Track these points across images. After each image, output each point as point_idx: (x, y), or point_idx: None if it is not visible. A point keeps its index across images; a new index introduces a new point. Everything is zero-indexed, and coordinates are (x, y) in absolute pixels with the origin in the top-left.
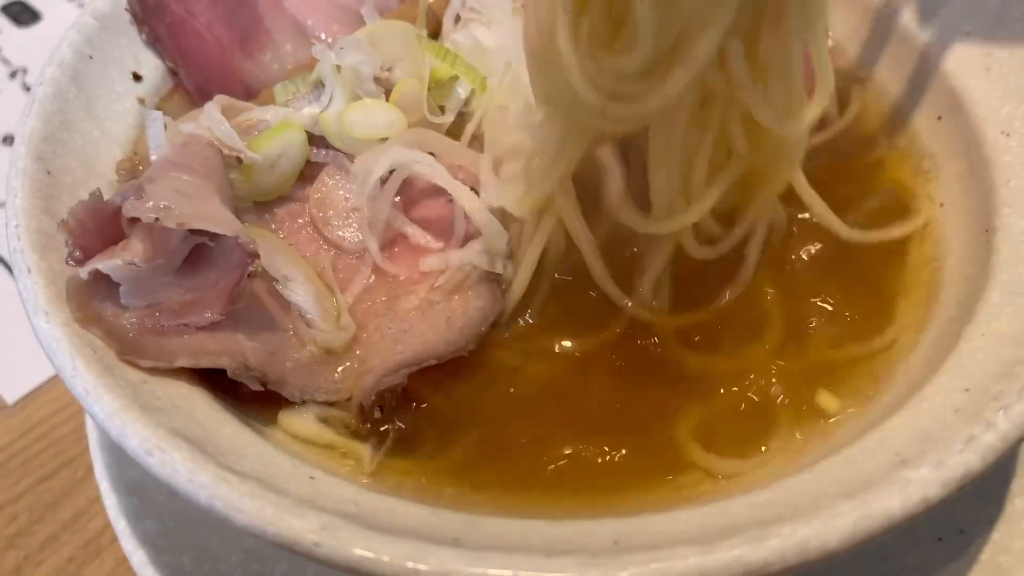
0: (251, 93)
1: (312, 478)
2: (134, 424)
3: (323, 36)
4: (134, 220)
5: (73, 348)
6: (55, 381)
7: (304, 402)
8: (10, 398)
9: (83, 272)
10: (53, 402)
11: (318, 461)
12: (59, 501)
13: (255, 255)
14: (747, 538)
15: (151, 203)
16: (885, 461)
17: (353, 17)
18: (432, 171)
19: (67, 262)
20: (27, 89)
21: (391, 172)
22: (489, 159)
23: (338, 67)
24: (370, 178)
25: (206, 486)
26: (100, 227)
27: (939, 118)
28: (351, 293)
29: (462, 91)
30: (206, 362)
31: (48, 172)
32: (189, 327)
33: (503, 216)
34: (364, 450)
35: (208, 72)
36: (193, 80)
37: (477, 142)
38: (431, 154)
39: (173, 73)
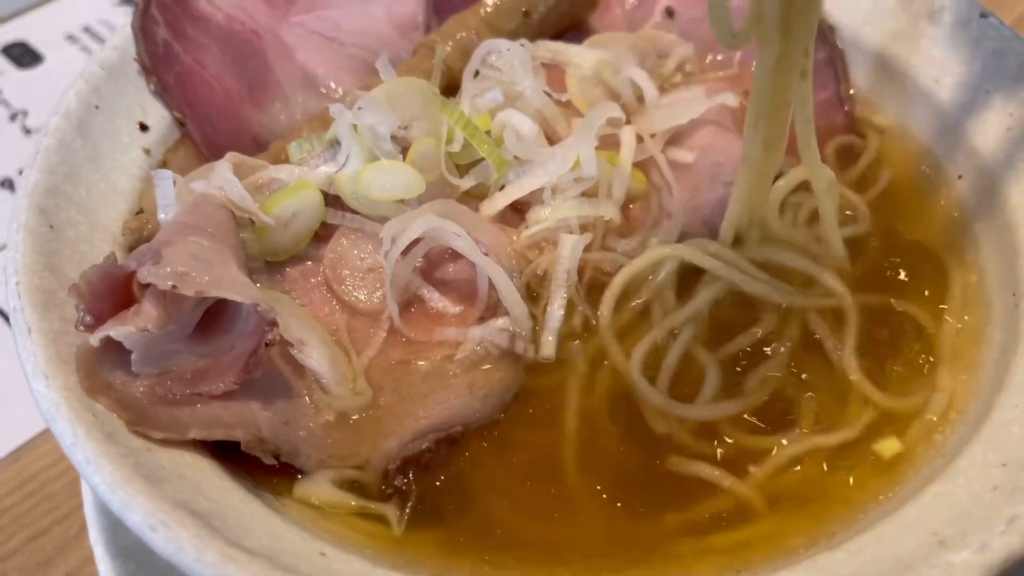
0: (260, 144)
1: (323, 555)
2: (137, 497)
3: (333, 86)
4: (147, 284)
5: (73, 414)
6: (48, 434)
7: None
8: (0, 451)
9: (94, 339)
10: (46, 456)
11: (332, 529)
12: (51, 560)
13: (274, 323)
14: None
15: (168, 269)
16: (923, 541)
17: (363, 68)
18: (465, 245)
19: (77, 327)
20: (27, 132)
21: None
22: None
23: (355, 126)
24: (398, 243)
25: (213, 565)
26: (112, 291)
27: (960, 177)
28: (366, 355)
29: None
30: (219, 434)
31: (51, 226)
32: (202, 396)
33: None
34: (388, 511)
35: (216, 123)
36: (201, 131)
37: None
38: None
39: (180, 123)
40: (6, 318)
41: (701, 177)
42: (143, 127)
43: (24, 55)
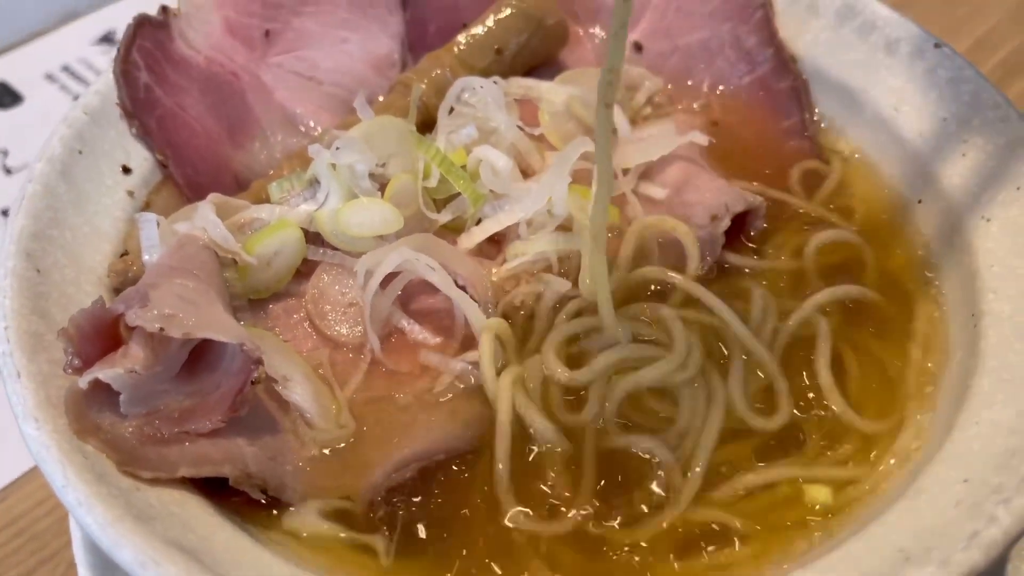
0: (241, 183)
1: None
2: (128, 536)
3: (312, 124)
4: (134, 327)
5: (63, 456)
6: (34, 473)
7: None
8: None
9: (83, 382)
10: (32, 495)
11: (320, 563)
12: None
13: (259, 361)
14: None
15: (155, 312)
16: (889, 557)
17: (341, 105)
18: (440, 279)
19: (65, 370)
20: (8, 171)
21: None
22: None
23: (333, 165)
24: (374, 277)
25: None
26: (99, 334)
27: (919, 202)
28: (349, 388)
29: (466, 199)
30: (208, 471)
31: (38, 270)
32: (190, 434)
33: None
34: (376, 541)
35: (197, 164)
36: (182, 172)
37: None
38: None
39: (163, 165)
40: None
41: (672, 213)
42: (126, 170)
43: (4, 95)
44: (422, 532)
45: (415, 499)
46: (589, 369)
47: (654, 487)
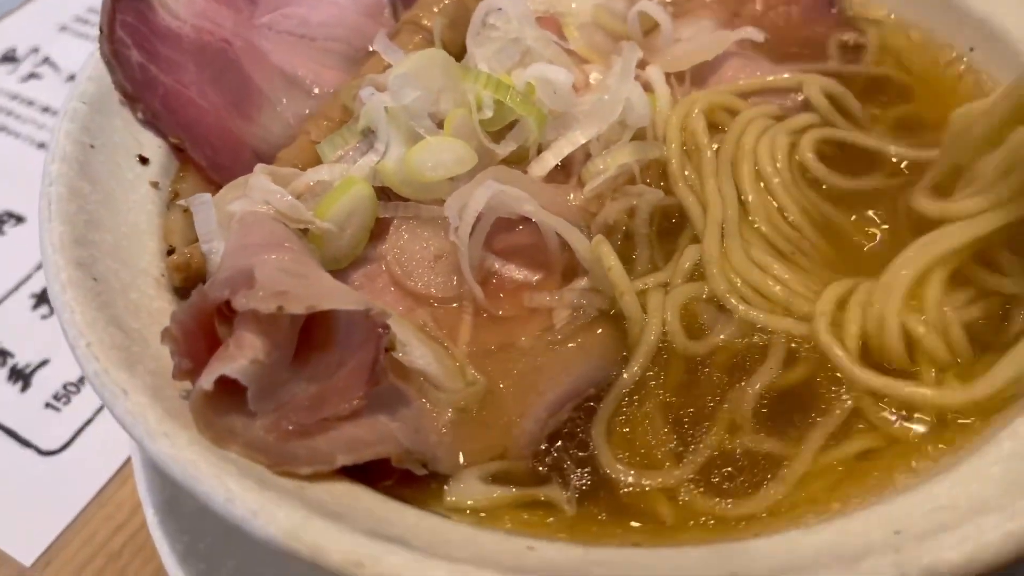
0: (261, 158)
1: (531, 548)
2: (327, 536)
3: (314, 84)
4: (232, 314)
5: (218, 469)
6: (72, 530)
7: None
8: (27, 560)
9: (206, 382)
10: (76, 556)
11: (507, 528)
12: None
13: (387, 326)
14: None
15: (266, 291)
16: None
17: (341, 61)
18: (534, 209)
19: (175, 376)
20: None
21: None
22: None
23: (386, 108)
24: (466, 217)
25: None
26: (203, 329)
27: (971, 49)
28: (461, 343)
29: (531, 123)
30: (368, 454)
31: (95, 279)
32: (329, 421)
33: None
34: (553, 493)
35: (214, 143)
36: (203, 154)
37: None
38: None
39: (178, 150)
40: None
41: None
42: (143, 160)
43: None
44: (599, 472)
45: (579, 440)
46: None
47: None
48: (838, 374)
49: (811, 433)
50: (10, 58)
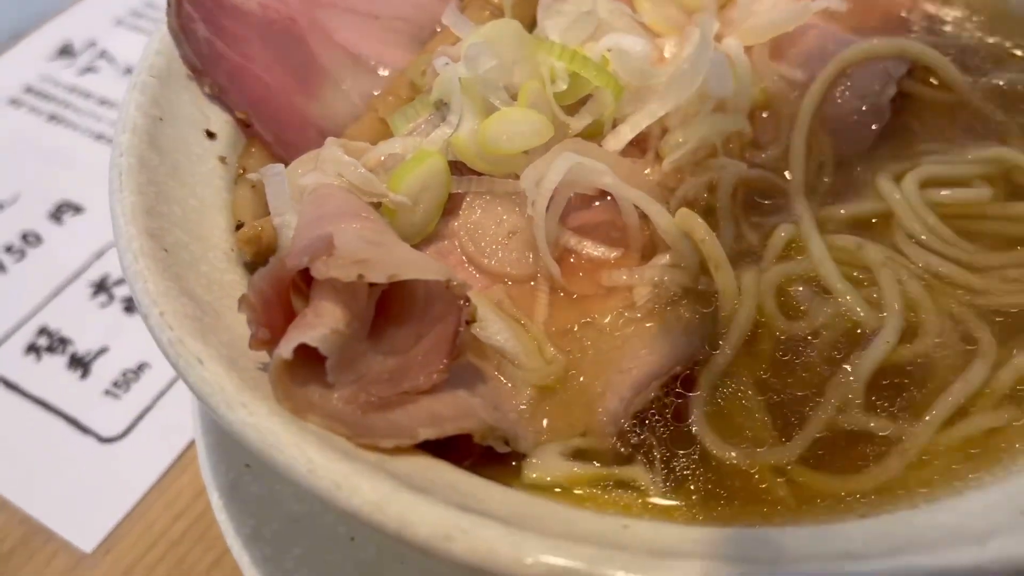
0: (325, 136)
1: (625, 527)
2: (415, 509)
3: (378, 64)
4: (307, 286)
5: (299, 439)
6: (132, 518)
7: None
8: (87, 547)
9: (285, 350)
10: (136, 544)
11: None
12: None
13: (467, 298)
14: None
15: (347, 258)
16: None
17: (405, 40)
18: (613, 182)
19: (251, 346)
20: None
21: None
22: None
23: (460, 79)
24: (543, 191)
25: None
26: (280, 297)
27: None
28: (538, 321)
29: (607, 95)
30: (451, 429)
31: (165, 250)
32: (409, 394)
33: None
34: (637, 474)
35: (280, 119)
36: (269, 129)
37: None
38: None
39: (245, 125)
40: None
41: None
42: (210, 134)
43: None
44: (695, 451)
45: (666, 420)
46: None
47: None
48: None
49: (929, 411)
50: (67, 52)
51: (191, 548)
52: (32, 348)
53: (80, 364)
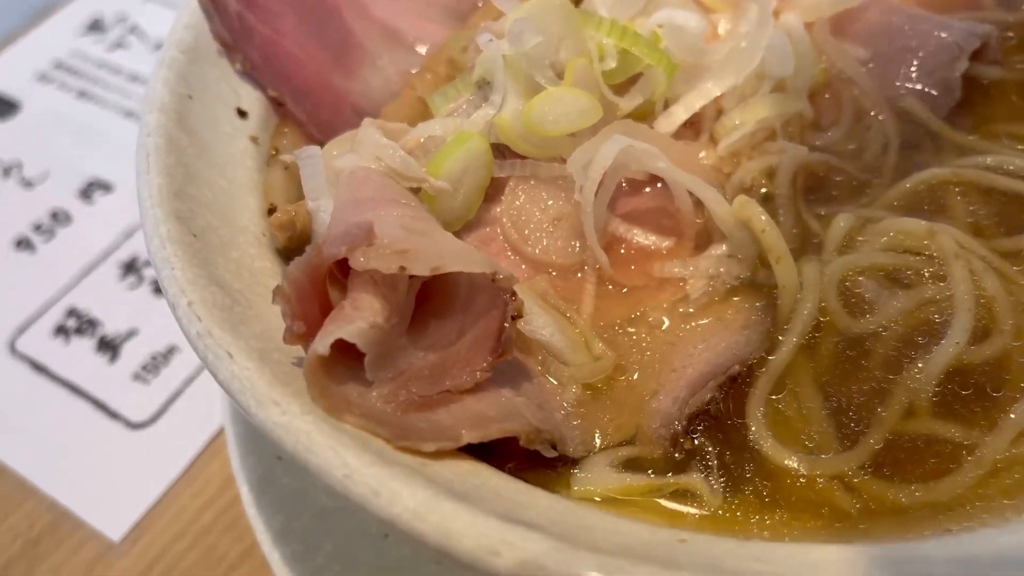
0: (361, 115)
1: (682, 541)
2: (458, 519)
3: (411, 39)
4: (343, 276)
5: (334, 441)
6: (161, 506)
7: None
8: (115, 535)
9: (322, 345)
10: (165, 533)
11: (646, 519)
12: None
13: (513, 292)
14: None
15: (388, 249)
16: None
17: (442, 13)
18: (666, 167)
19: (286, 339)
20: (28, 184)
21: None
22: None
23: (503, 57)
24: (592, 175)
25: None
26: (315, 289)
27: None
28: (584, 314)
29: (659, 74)
30: (495, 431)
31: (194, 235)
32: (451, 394)
33: None
34: (694, 482)
35: (315, 97)
36: (303, 108)
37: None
38: None
39: (277, 103)
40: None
41: (885, 67)
42: (241, 113)
43: None
44: (753, 458)
45: (728, 421)
46: None
47: None
48: None
49: (1006, 417)
50: (97, 27)
51: (220, 537)
52: (61, 329)
53: (109, 347)
